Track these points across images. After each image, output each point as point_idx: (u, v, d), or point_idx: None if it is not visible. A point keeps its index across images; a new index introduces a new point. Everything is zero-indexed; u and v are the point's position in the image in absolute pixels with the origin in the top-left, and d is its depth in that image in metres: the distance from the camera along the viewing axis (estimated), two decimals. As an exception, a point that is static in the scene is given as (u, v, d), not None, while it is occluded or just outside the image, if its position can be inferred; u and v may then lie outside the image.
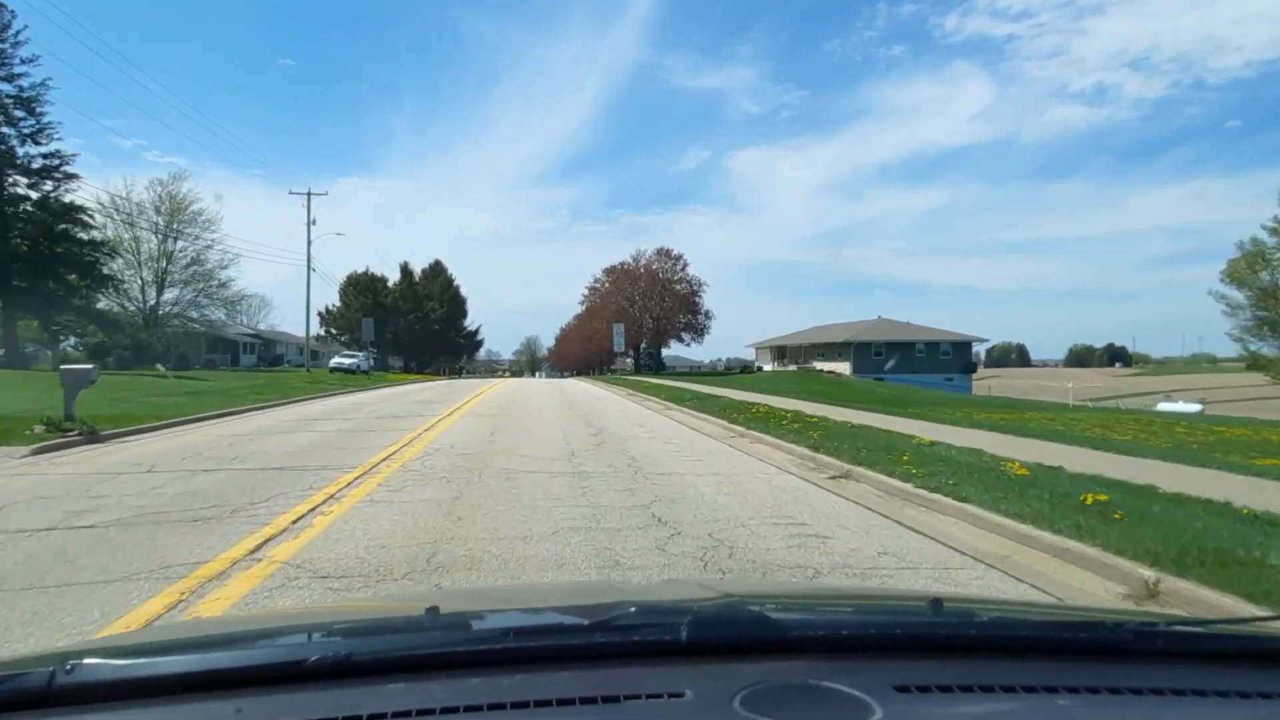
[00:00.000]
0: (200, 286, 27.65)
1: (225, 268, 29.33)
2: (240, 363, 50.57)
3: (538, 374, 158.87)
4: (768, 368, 66.52)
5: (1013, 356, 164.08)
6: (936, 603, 1.28)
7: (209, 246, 29.01)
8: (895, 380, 44.75)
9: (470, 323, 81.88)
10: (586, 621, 1.18)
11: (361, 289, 59.17)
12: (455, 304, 72.97)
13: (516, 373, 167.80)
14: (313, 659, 0.98)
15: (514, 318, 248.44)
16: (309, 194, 42.00)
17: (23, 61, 32.39)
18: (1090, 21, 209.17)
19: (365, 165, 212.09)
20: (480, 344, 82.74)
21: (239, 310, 30.66)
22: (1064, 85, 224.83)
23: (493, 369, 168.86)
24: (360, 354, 43.23)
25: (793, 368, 55.69)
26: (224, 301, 30.60)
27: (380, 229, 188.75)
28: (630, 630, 1.10)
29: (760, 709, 0.90)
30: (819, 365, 54.10)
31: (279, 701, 0.94)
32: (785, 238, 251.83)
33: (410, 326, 59.03)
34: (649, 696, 0.94)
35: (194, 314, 30.43)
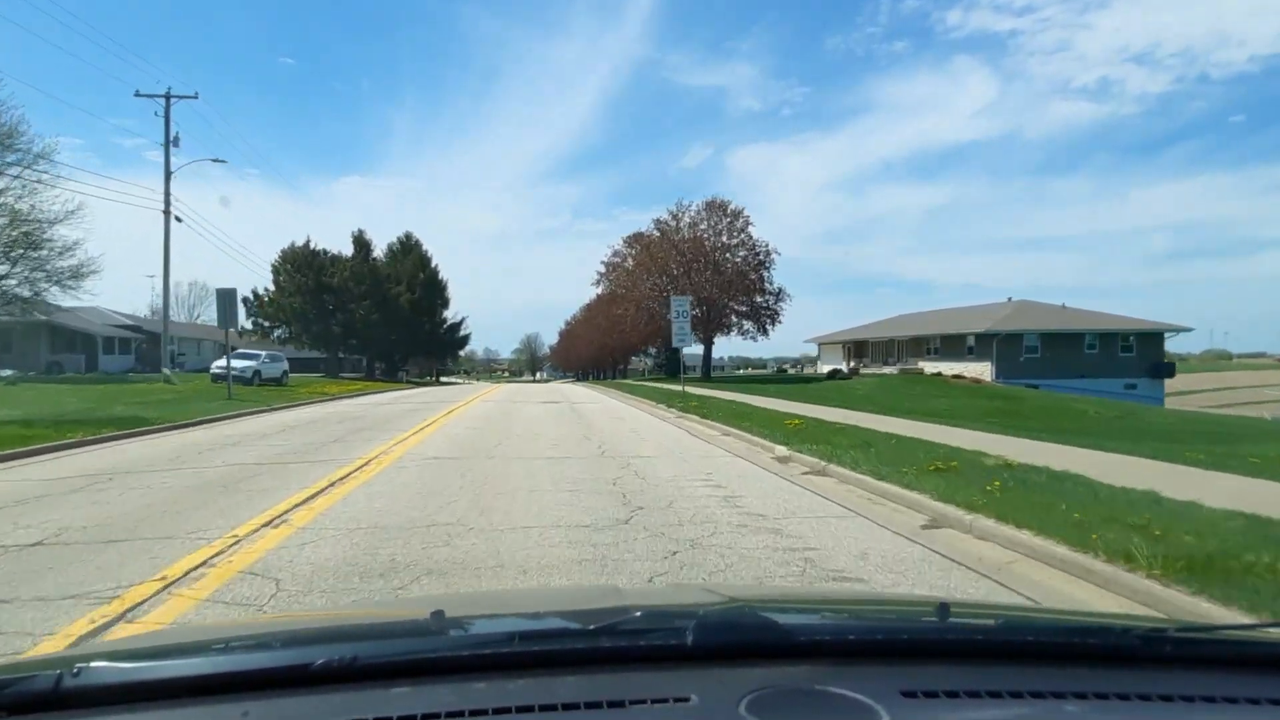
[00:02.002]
0: (21, 254, 21.04)
1: (58, 223, 22.39)
2: (100, 365, 44.26)
3: (539, 375, 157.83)
4: (836, 367, 59.51)
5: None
6: (943, 608, 1.41)
7: (33, 193, 22.17)
8: (1054, 388, 37.49)
9: (453, 314, 75.68)
10: (592, 626, 1.30)
11: (300, 266, 52.84)
12: (432, 289, 66.63)
13: (516, 373, 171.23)
14: (319, 662, 1.09)
15: (515, 317, 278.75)
16: (167, 96, 35.15)
17: None
18: (1094, 16, 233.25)
19: (366, 164, 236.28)
20: (466, 340, 76.25)
21: (79, 289, 23.46)
22: (1067, 81, 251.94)
23: (491, 369, 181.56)
24: (263, 354, 36.28)
25: (889, 370, 48.45)
26: (56, 275, 23.59)
27: (382, 229, 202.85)
28: (636, 635, 1.23)
29: (766, 714, 1.00)
30: (926, 365, 46.87)
31: (285, 705, 1.05)
32: (788, 236, 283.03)
33: (366, 316, 52.49)
34: (654, 701, 1.04)
35: (26, 293, 23.57)
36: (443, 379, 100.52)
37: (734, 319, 46.93)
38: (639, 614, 1.36)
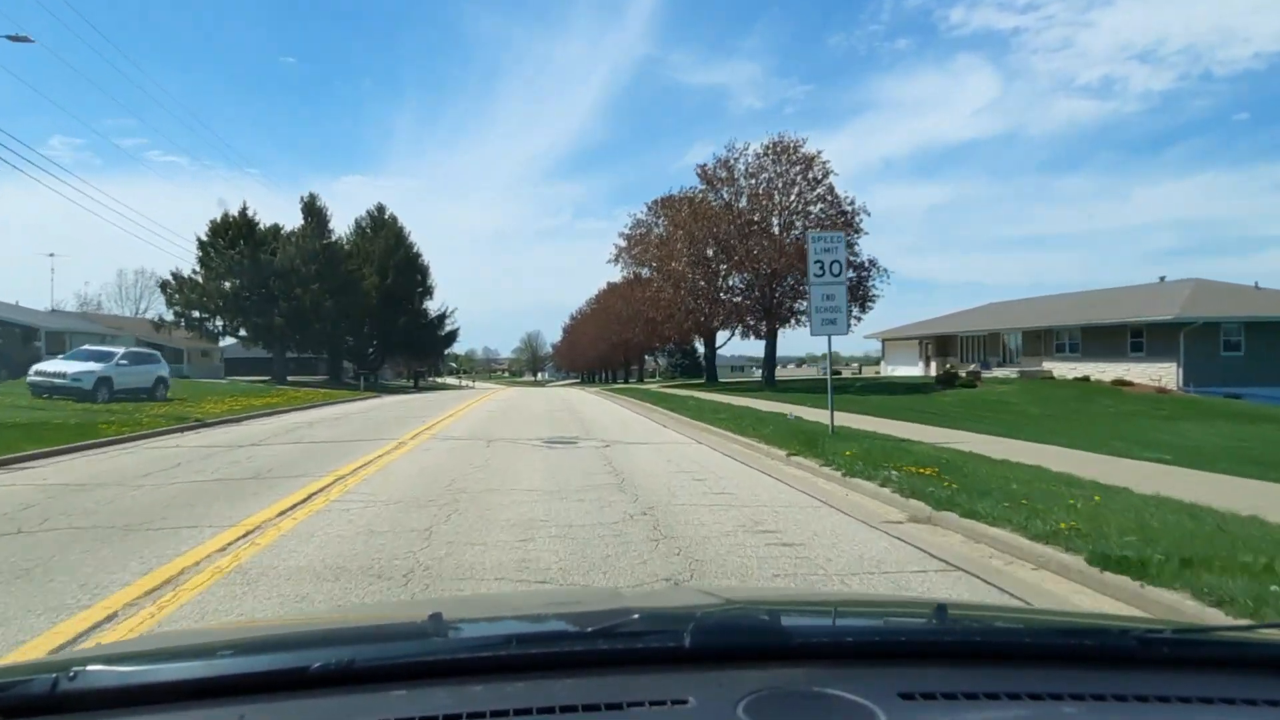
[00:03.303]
0: None
1: None
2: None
3: (540, 375, 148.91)
4: (911, 370, 48.52)
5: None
6: (941, 610, 1.42)
7: None
8: (1264, 399, 26.45)
9: (438, 305, 64.95)
10: (590, 628, 1.31)
11: (234, 241, 41.94)
12: (409, 274, 55.88)
13: (516, 373, 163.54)
14: (316, 666, 1.10)
15: (515, 317, 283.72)
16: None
17: None
18: (1097, 14, 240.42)
19: (368, 163, 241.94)
20: (454, 336, 65.43)
21: None
22: (1071, 78, 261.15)
23: (490, 369, 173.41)
24: (119, 352, 24.90)
25: (1008, 372, 37.29)
26: None
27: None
28: (634, 637, 1.24)
29: (764, 716, 1.01)
30: (1056, 367, 35.70)
31: (283, 708, 1.06)
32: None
33: (318, 304, 41.50)
34: (652, 704, 1.05)
35: None
36: (434, 381, 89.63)
37: (804, 303, 34.72)
38: (637, 616, 1.36)
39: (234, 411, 21.08)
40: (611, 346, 72.88)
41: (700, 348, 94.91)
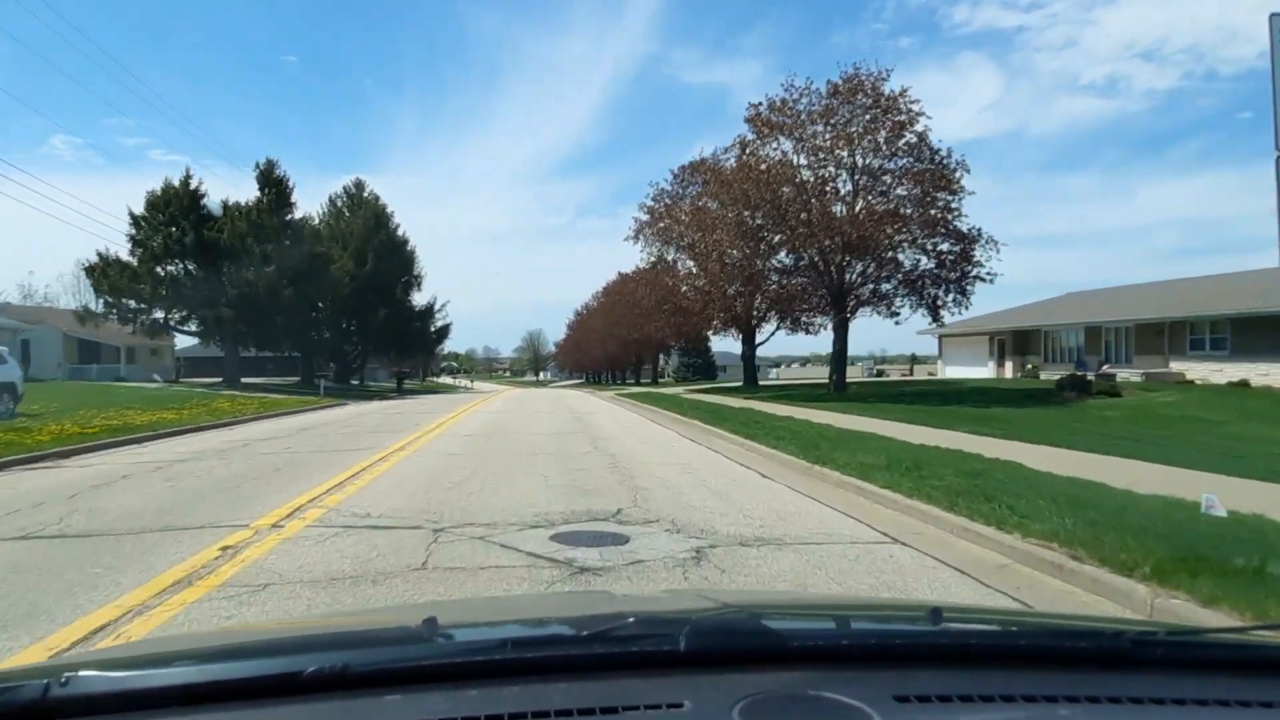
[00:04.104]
0: None
1: None
2: None
3: (542, 375, 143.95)
4: (977, 371, 41.70)
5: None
6: (935, 613, 1.44)
7: None
8: None
9: (425, 298, 58.16)
10: (585, 632, 1.33)
11: (174, 216, 35.06)
12: (392, 260, 49.06)
13: (518, 373, 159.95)
14: (309, 670, 1.10)
15: (517, 316, 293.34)
16: None
17: None
18: (1101, 12, 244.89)
19: (369, 162, 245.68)
20: (446, 332, 58.54)
21: None
22: (1074, 77, 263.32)
23: (491, 369, 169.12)
24: None
25: (1130, 374, 30.24)
26: None
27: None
28: (629, 640, 1.24)
29: (759, 719, 1.02)
30: (1189, 368, 28.66)
31: (276, 713, 1.06)
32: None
33: (274, 291, 34.62)
34: (647, 707, 1.06)
35: None
36: (430, 382, 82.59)
37: (890, 285, 26.64)
38: (632, 620, 1.36)
39: (91, 436, 14.26)
40: (622, 345, 65.90)
41: (713, 346, 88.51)
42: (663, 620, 1.52)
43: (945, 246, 24.05)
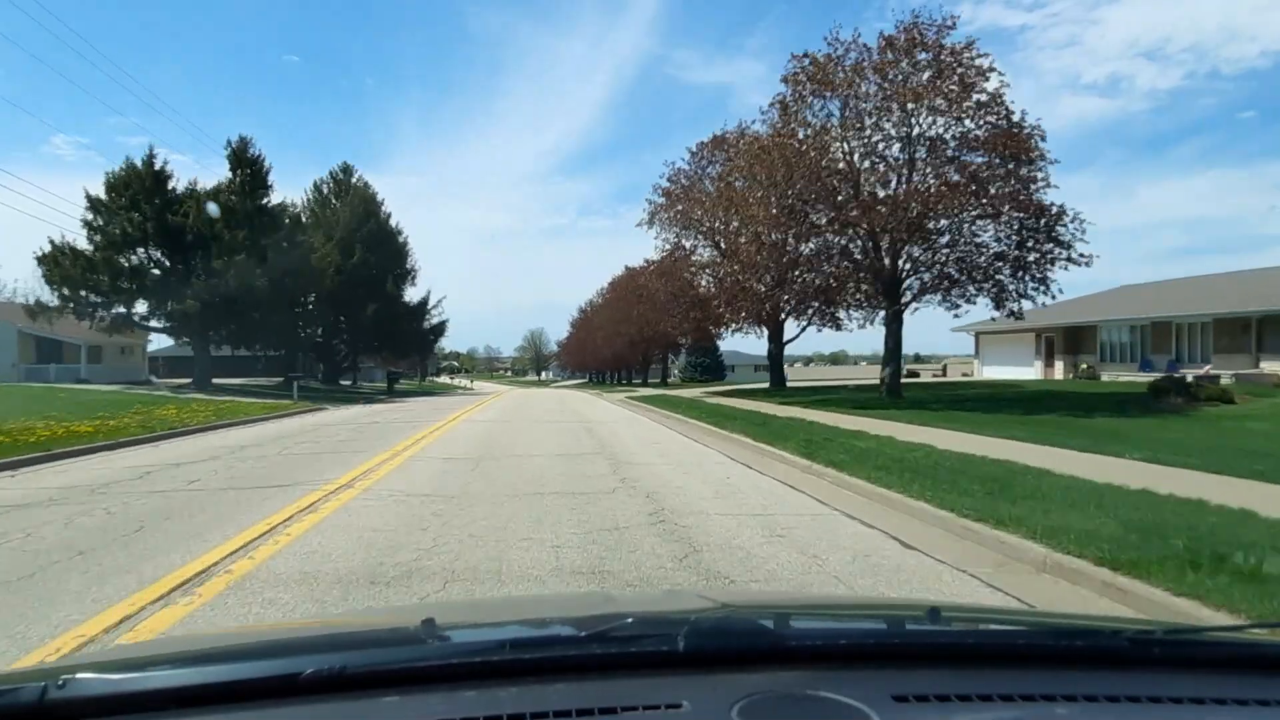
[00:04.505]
0: None
1: None
2: None
3: (544, 375, 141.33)
4: (1021, 371, 38.19)
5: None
6: (934, 612, 1.45)
7: None
8: None
9: (419, 294, 54.69)
10: (583, 632, 1.33)
11: (134, 203, 31.49)
12: (383, 251, 45.50)
13: (520, 372, 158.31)
14: (307, 672, 1.09)
15: (518, 316, 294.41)
16: None
17: None
18: (1104, 11, 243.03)
19: (370, 162, 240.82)
20: (441, 330, 55.01)
21: None
22: (1077, 76, 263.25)
23: (493, 368, 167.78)
24: None
25: (1227, 377, 26.57)
26: None
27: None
28: (627, 641, 1.24)
29: (758, 719, 1.02)
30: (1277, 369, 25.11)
31: (273, 715, 1.06)
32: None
33: (244, 281, 31.07)
34: (646, 708, 1.05)
35: None
36: (429, 382, 78.51)
37: (953, 271, 22.14)
38: (630, 620, 1.36)
39: None
40: (629, 343, 62.19)
41: (721, 345, 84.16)
42: (661, 620, 1.54)
43: (1021, 226, 20.20)
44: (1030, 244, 20.45)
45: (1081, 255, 20.15)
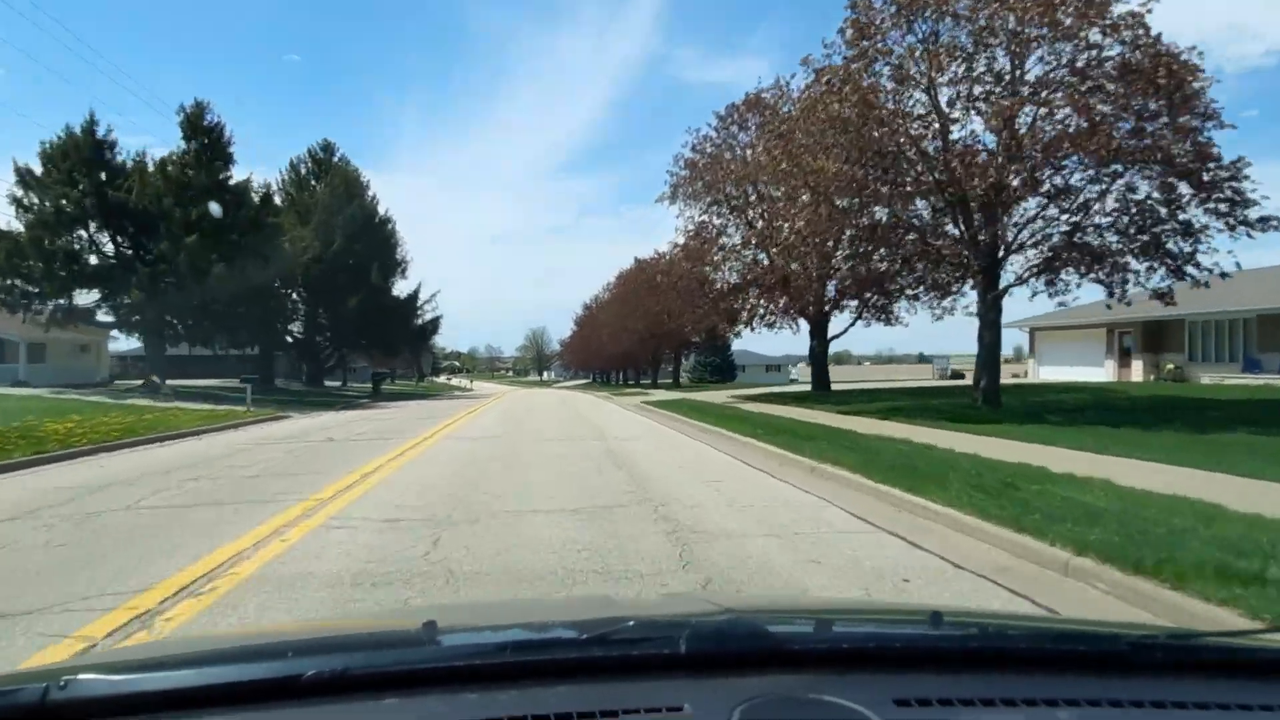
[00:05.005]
0: None
1: None
2: None
3: (545, 374, 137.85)
4: (1088, 372, 33.89)
5: None
6: (936, 616, 1.43)
7: None
8: None
9: (410, 287, 50.29)
10: (584, 635, 1.31)
11: (71, 176, 27.02)
12: (369, 239, 41.03)
13: (521, 372, 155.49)
14: (309, 674, 1.09)
15: (519, 315, 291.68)
16: None
17: None
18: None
19: (371, 161, 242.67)
20: (435, 327, 50.56)
21: None
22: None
23: (494, 368, 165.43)
24: None
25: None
26: None
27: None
28: (629, 644, 1.23)
29: None
30: None
31: (275, 717, 1.06)
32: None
33: (196, 267, 26.59)
34: (647, 710, 1.05)
35: None
36: (427, 383, 73.90)
37: (1090, 238, 17.23)
38: (631, 623, 1.34)
39: None
40: (639, 340, 57.66)
41: (729, 346, 78.44)
42: (662, 623, 1.51)
43: (1186, 179, 15.41)
44: (1193, 203, 15.72)
45: (1272, 219, 15.41)
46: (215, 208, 27.14)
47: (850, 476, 9.00)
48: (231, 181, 30.66)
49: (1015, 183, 15.39)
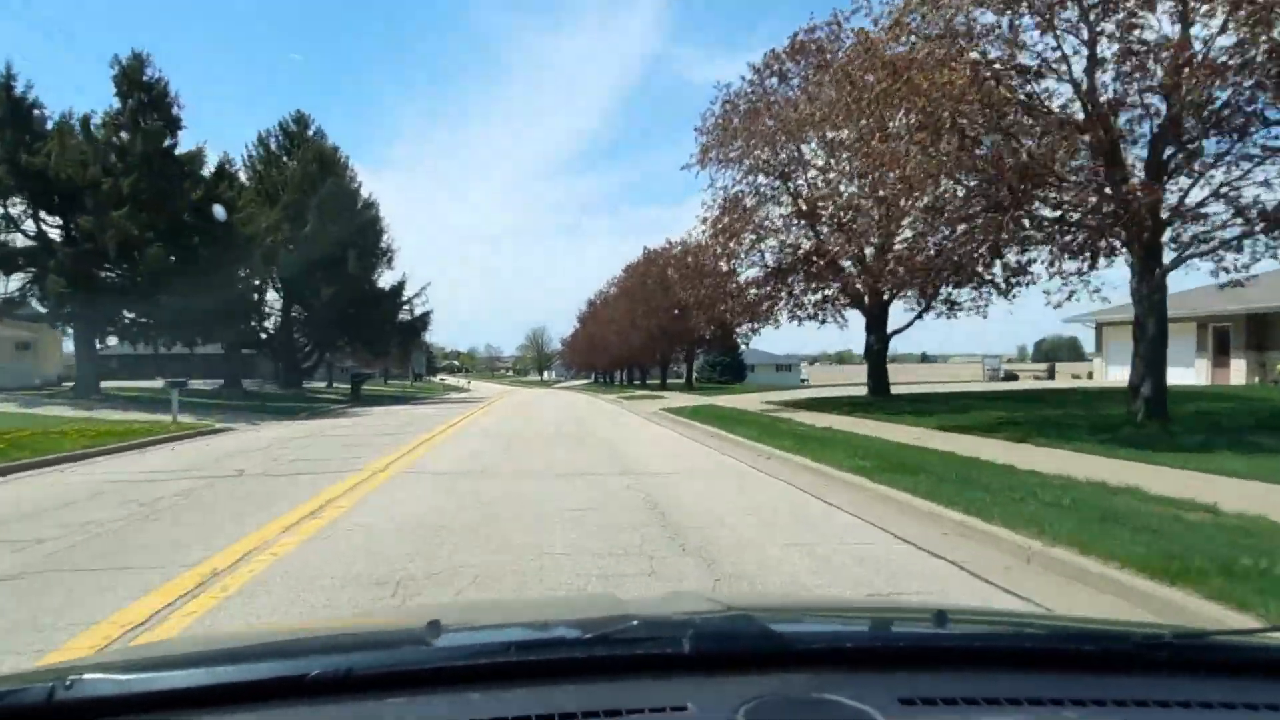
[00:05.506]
0: None
1: None
2: None
3: (546, 374, 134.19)
4: (1180, 374, 29.05)
5: None
6: (941, 615, 1.42)
7: None
8: None
9: (394, 277, 45.90)
10: (589, 634, 1.31)
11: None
12: (346, 223, 36.45)
13: (521, 372, 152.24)
14: (314, 674, 1.09)
15: (519, 314, 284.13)
16: None
17: None
18: None
19: (372, 161, 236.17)
20: (425, 322, 45.92)
21: None
22: None
23: (494, 368, 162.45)
24: None
25: None
26: None
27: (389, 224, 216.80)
28: (633, 643, 1.23)
29: None
30: None
31: (280, 716, 1.06)
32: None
33: (125, 245, 22.07)
34: (652, 710, 1.05)
35: None
36: (420, 384, 69.28)
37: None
38: (636, 622, 1.34)
39: None
40: (648, 338, 53.16)
41: (739, 345, 73.36)
42: (667, 623, 1.50)
43: None
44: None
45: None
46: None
47: (1130, 581, 4.52)
48: (178, 150, 26.16)
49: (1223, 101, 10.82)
